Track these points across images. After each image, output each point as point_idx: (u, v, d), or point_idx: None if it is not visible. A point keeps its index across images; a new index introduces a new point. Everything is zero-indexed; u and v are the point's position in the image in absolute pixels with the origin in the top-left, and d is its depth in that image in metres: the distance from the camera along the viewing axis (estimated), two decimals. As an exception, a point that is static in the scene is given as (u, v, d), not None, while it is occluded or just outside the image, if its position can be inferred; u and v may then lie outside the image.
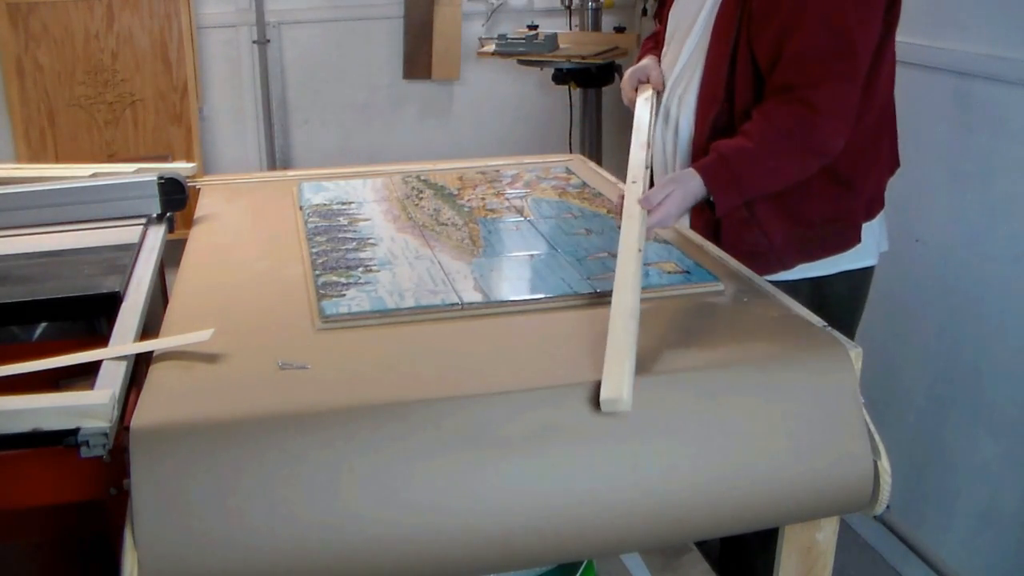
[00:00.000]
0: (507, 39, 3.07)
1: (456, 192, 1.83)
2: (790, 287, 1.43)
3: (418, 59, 3.41)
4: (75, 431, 0.98)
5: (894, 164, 1.70)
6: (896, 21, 1.57)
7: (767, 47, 1.52)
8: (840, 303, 1.67)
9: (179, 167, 1.78)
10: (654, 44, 1.91)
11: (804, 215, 1.61)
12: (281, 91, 3.35)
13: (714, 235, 1.61)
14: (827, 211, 1.61)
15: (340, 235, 1.58)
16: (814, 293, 1.63)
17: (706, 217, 1.64)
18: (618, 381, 1.05)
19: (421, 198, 1.79)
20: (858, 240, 1.65)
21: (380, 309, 1.27)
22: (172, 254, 1.58)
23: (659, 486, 1.06)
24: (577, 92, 3.25)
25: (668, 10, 1.80)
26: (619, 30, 3.25)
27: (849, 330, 1.70)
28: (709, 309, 1.30)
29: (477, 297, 1.31)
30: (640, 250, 1.31)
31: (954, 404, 2.06)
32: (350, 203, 1.76)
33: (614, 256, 1.44)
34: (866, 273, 1.72)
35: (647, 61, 1.85)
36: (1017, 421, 1.89)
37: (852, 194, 1.62)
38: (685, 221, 1.71)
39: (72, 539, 1.35)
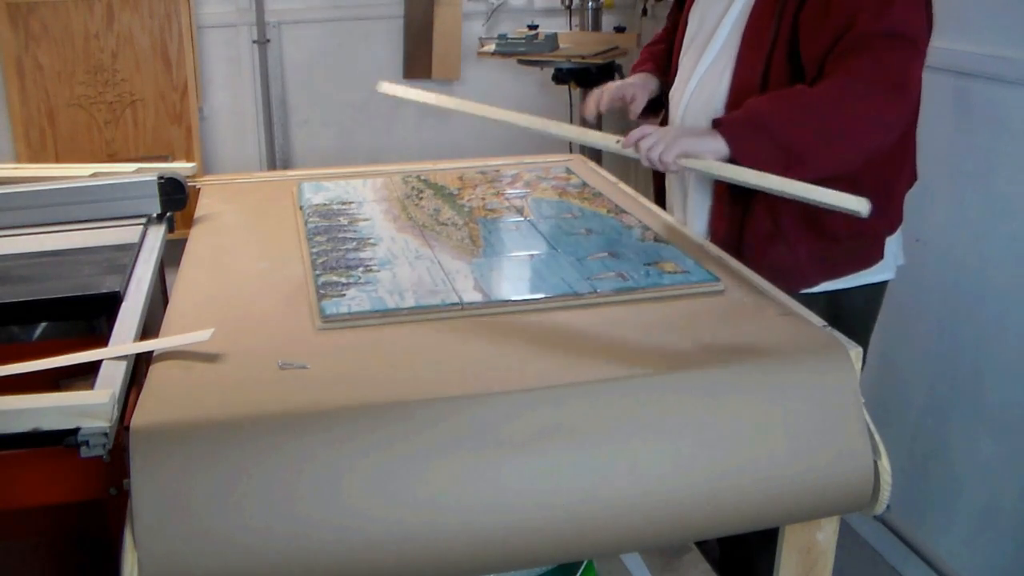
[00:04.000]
0: (507, 39, 3.07)
1: (456, 192, 1.83)
2: (806, 299, 1.41)
3: (418, 59, 3.41)
4: (75, 431, 0.98)
5: (913, 178, 1.68)
6: (929, 38, 1.54)
7: (821, 51, 1.48)
8: (856, 316, 1.65)
9: (179, 167, 1.78)
10: (650, 57, 1.86)
11: (829, 229, 1.57)
12: (281, 91, 3.35)
13: (736, 250, 1.56)
14: (853, 225, 1.57)
15: (340, 235, 1.58)
16: (830, 305, 1.60)
17: (726, 230, 1.62)
18: None
19: (421, 198, 1.79)
20: (880, 256, 1.63)
21: (380, 309, 1.27)
22: (172, 254, 1.58)
23: (659, 486, 1.06)
24: (577, 92, 3.25)
25: (688, 10, 1.75)
26: (619, 30, 3.25)
27: (864, 341, 1.68)
28: (709, 309, 1.30)
29: (477, 297, 1.31)
30: (618, 141, 1.44)
31: (954, 404, 2.06)
32: (350, 203, 1.76)
33: (614, 256, 1.45)
34: (883, 286, 1.70)
35: (635, 80, 1.79)
36: (1017, 421, 1.89)
37: (878, 209, 1.59)
38: (695, 226, 1.70)
39: (72, 539, 1.35)
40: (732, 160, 1.44)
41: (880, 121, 1.45)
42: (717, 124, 1.48)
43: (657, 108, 1.84)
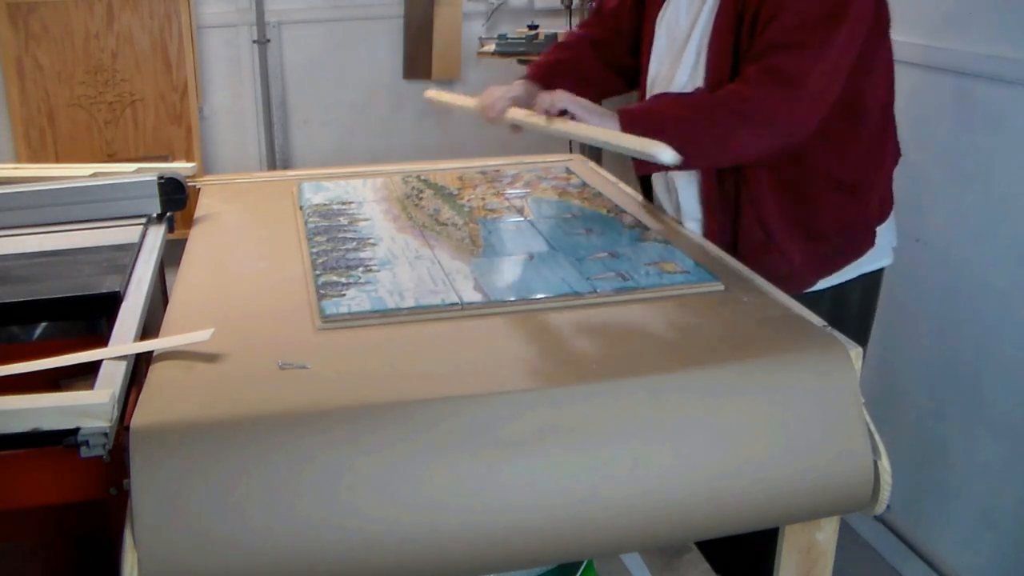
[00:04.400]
0: (507, 39, 3.07)
1: (456, 192, 1.83)
2: (810, 297, 1.41)
3: (418, 59, 3.41)
4: (75, 431, 0.98)
5: (897, 156, 1.68)
6: (887, 25, 1.55)
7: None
8: (859, 306, 1.66)
9: (179, 167, 1.78)
10: (552, 66, 1.76)
11: (817, 228, 1.58)
12: (281, 91, 3.35)
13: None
14: (839, 220, 1.59)
15: (340, 235, 1.58)
16: (835, 300, 1.61)
17: (720, 241, 1.62)
18: None
19: (421, 198, 1.79)
20: (872, 243, 1.63)
21: (380, 309, 1.27)
22: (172, 254, 1.58)
23: (659, 486, 1.06)
24: (577, 92, 3.25)
25: (651, 19, 1.69)
26: (619, 30, 3.25)
27: (867, 331, 1.69)
28: (709, 309, 1.30)
29: (477, 297, 1.31)
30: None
31: (954, 404, 2.06)
32: (350, 203, 1.76)
33: (614, 256, 1.45)
34: (880, 273, 1.71)
35: (522, 94, 1.69)
36: (1017, 421, 1.89)
37: (861, 200, 1.60)
38: (697, 227, 1.69)
39: (72, 539, 1.35)
40: None
41: (767, 123, 1.47)
42: (621, 112, 1.51)
43: None
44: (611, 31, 1.81)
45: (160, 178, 1.66)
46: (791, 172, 1.55)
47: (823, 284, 1.63)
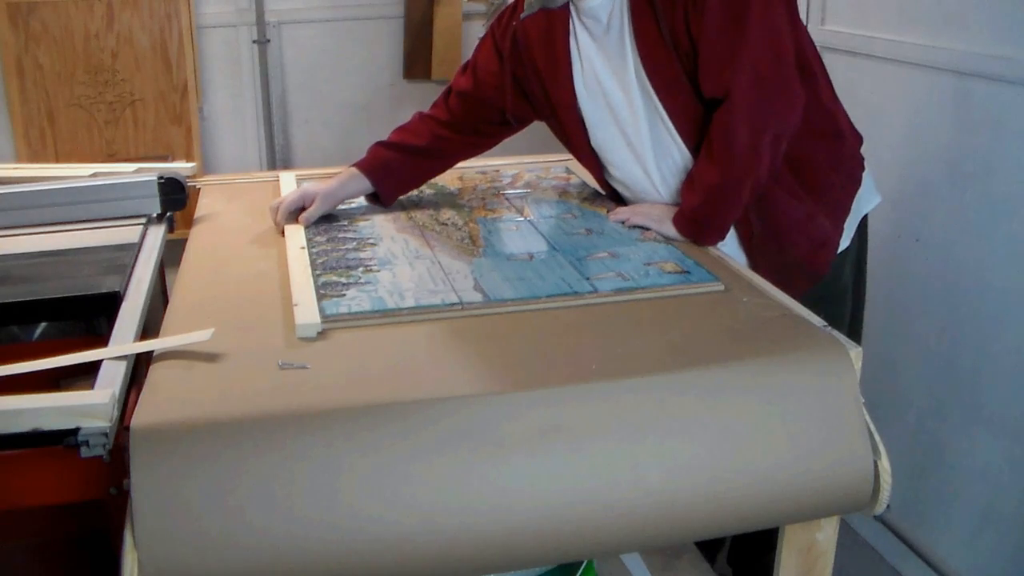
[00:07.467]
0: (507, 39, 3.06)
1: (456, 192, 1.83)
2: (840, 259, 1.52)
3: (418, 59, 3.41)
4: (75, 431, 0.98)
5: (859, 139, 1.68)
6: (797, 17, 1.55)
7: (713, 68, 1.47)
8: (859, 253, 1.72)
9: (179, 167, 1.78)
10: (387, 161, 1.72)
11: (819, 177, 1.60)
12: (281, 91, 3.35)
13: (773, 243, 1.60)
14: (831, 162, 1.61)
15: (340, 235, 1.58)
16: (858, 253, 1.68)
17: (755, 230, 1.62)
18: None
19: (421, 198, 1.79)
20: (862, 166, 1.66)
21: (380, 309, 1.27)
22: (172, 254, 1.58)
23: (659, 486, 1.06)
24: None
25: (564, 105, 1.64)
26: (619, 30, 3.24)
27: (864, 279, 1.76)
28: (709, 309, 1.30)
29: (477, 297, 1.31)
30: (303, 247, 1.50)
31: (954, 404, 2.06)
32: (350, 203, 1.76)
33: (614, 256, 1.45)
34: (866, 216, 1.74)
35: (326, 188, 1.66)
36: (1017, 421, 1.89)
37: (838, 132, 1.62)
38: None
39: (72, 539, 1.35)
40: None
41: (777, 132, 1.47)
42: (676, 218, 1.55)
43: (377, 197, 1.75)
44: (470, 112, 1.77)
45: (160, 178, 1.66)
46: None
47: (844, 244, 1.65)
